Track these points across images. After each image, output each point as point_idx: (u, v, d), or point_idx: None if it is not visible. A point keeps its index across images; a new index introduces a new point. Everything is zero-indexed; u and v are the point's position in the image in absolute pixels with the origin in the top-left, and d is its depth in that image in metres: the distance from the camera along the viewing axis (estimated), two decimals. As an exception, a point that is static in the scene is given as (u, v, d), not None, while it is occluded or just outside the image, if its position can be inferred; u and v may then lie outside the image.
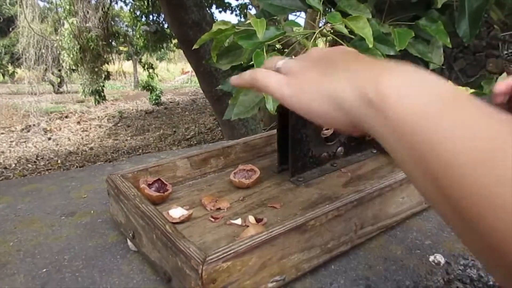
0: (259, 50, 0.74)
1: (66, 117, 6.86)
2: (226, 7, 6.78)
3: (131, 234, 0.46)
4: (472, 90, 0.72)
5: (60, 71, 7.85)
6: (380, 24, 0.89)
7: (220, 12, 6.92)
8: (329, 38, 0.88)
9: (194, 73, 3.33)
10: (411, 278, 0.42)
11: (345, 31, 0.76)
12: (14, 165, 4.50)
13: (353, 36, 0.80)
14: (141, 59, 8.52)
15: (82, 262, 0.46)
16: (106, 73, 7.35)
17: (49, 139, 5.66)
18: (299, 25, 1.01)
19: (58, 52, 6.93)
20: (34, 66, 6.78)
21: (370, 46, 0.72)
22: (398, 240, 0.48)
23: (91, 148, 5.20)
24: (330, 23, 0.78)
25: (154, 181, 0.52)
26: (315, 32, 0.81)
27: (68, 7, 6.60)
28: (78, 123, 6.53)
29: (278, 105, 0.51)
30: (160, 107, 7.59)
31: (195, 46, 0.84)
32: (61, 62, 7.06)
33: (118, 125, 6.44)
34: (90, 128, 6.29)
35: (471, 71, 2.40)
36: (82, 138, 5.77)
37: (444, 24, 0.85)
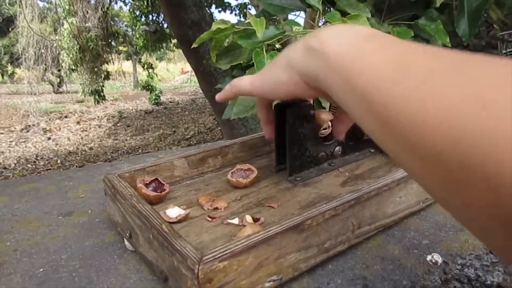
0: (259, 50, 0.74)
1: (66, 117, 6.87)
2: (226, 7, 6.79)
3: (128, 234, 0.46)
4: None
5: (60, 71, 7.86)
6: (380, 23, 0.88)
7: (220, 12, 6.93)
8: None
9: (194, 73, 3.33)
10: (409, 278, 0.42)
11: None
12: (14, 165, 4.50)
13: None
14: (141, 59, 8.52)
15: (79, 262, 0.46)
16: (106, 73, 7.36)
17: (49, 139, 5.66)
18: (299, 25, 1.00)
19: (58, 52, 6.94)
20: (34, 66, 6.79)
21: None
22: (396, 240, 0.48)
23: (91, 148, 5.20)
24: (330, 22, 0.78)
25: (151, 181, 0.52)
26: (314, 32, 0.81)
27: (68, 7, 6.60)
28: (78, 123, 6.54)
29: (275, 105, 0.51)
30: (160, 107, 7.60)
31: (194, 45, 0.84)
32: (61, 62, 7.07)
33: (118, 125, 6.45)
34: (90, 128, 6.29)
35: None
36: (82, 138, 5.77)
37: (444, 24, 0.84)
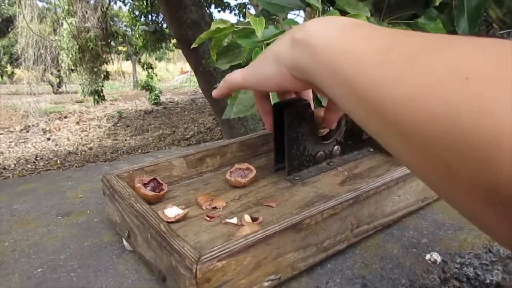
0: (258, 49, 0.74)
1: (65, 117, 6.86)
2: (225, 7, 6.78)
3: (126, 234, 0.46)
4: None
5: (59, 71, 7.85)
6: (379, 23, 0.88)
7: (219, 12, 6.93)
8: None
9: (193, 73, 3.33)
10: (407, 277, 0.42)
11: None
12: (13, 166, 4.50)
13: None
14: (140, 59, 8.52)
15: (78, 262, 0.46)
16: (105, 73, 7.36)
17: (48, 140, 5.66)
18: (298, 24, 1.00)
19: (57, 52, 6.94)
20: (33, 67, 6.79)
21: None
22: (395, 239, 0.48)
23: (90, 148, 5.20)
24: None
25: (150, 181, 0.52)
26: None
27: (67, 7, 6.60)
28: (77, 123, 6.53)
29: (274, 104, 0.51)
30: (159, 107, 7.59)
31: (194, 45, 0.84)
32: (60, 62, 7.07)
33: (117, 125, 6.45)
34: (89, 128, 6.29)
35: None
36: (81, 138, 5.77)
37: (443, 22, 0.84)
